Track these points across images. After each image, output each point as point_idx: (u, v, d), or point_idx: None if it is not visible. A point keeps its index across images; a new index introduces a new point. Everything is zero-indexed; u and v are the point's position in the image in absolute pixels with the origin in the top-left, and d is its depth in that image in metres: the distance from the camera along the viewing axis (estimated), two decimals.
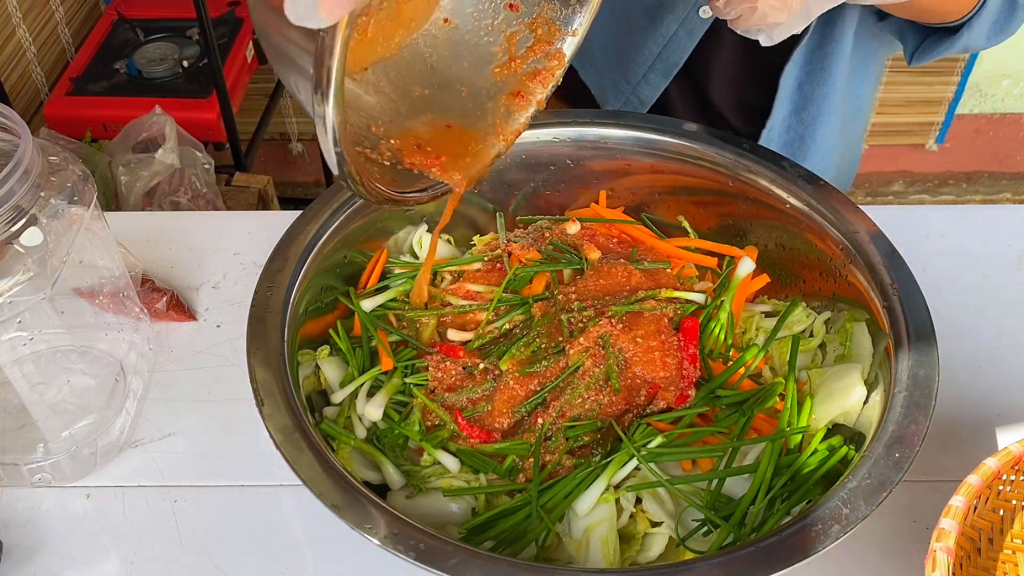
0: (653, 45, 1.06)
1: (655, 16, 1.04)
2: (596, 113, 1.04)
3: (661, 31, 1.05)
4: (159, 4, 2.21)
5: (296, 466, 0.68)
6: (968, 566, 0.72)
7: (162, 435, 0.89)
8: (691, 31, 1.03)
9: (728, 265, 0.93)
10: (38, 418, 0.83)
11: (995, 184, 2.77)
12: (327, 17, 0.47)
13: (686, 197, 0.97)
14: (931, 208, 1.15)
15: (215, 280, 1.04)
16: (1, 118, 0.76)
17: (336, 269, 0.89)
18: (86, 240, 0.81)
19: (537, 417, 0.80)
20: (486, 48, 0.77)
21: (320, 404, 0.84)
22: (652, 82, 1.09)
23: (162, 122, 1.87)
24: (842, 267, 0.85)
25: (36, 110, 2.09)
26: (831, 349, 0.87)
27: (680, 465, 0.79)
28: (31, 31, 2.04)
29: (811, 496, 0.74)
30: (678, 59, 1.06)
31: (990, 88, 2.54)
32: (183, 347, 0.97)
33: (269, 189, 2.08)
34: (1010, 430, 0.88)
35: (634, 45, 1.08)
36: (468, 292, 0.89)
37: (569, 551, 0.74)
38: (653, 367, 0.81)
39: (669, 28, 1.04)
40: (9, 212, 0.72)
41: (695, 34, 1.03)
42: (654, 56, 1.07)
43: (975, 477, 0.68)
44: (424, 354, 0.85)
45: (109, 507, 0.83)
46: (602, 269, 0.89)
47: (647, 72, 1.09)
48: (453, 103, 0.76)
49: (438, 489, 0.78)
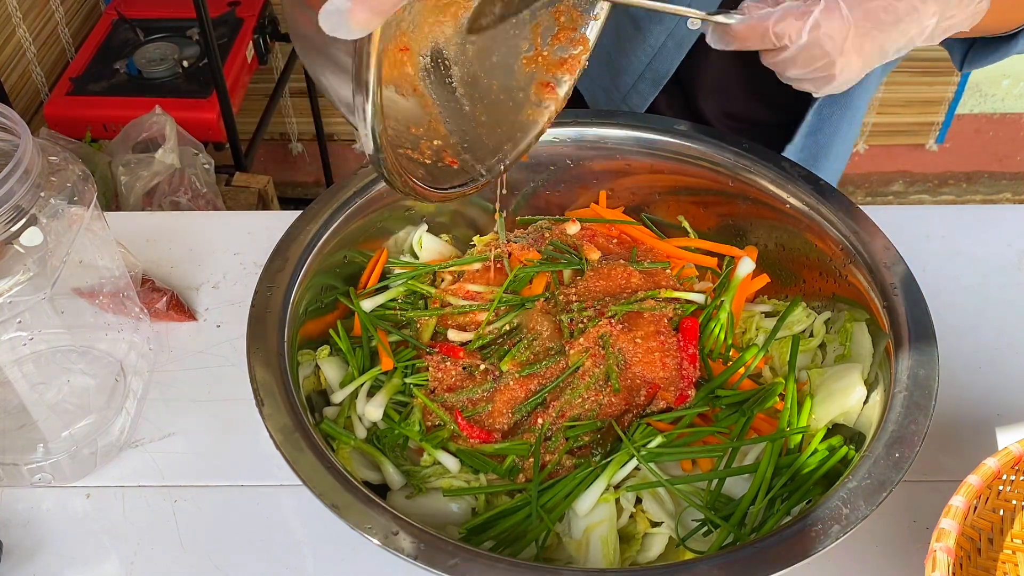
0: (642, 55, 1.05)
1: (644, 26, 1.04)
2: (596, 113, 1.04)
3: (650, 41, 1.04)
4: (159, 4, 2.20)
5: (296, 466, 0.68)
6: (968, 566, 0.72)
7: (162, 435, 0.89)
8: (680, 42, 1.03)
9: (728, 265, 0.93)
10: (38, 418, 0.83)
11: (995, 184, 2.77)
12: (359, 29, 0.49)
13: (686, 197, 0.97)
14: (931, 208, 1.15)
15: (215, 280, 1.04)
16: (1, 118, 0.76)
17: (336, 269, 0.89)
18: (86, 240, 0.81)
19: (537, 417, 0.80)
20: (514, 41, 0.79)
21: (320, 404, 0.84)
22: (642, 91, 1.09)
23: (162, 122, 1.87)
24: (842, 267, 0.85)
25: (36, 110, 2.09)
26: (831, 349, 0.87)
27: (680, 465, 0.79)
28: (31, 31, 2.04)
29: (811, 496, 0.74)
30: (667, 70, 1.06)
31: (990, 88, 2.54)
32: (183, 347, 0.97)
33: (269, 189, 2.08)
34: (1010, 430, 0.88)
35: (624, 54, 1.08)
36: (468, 292, 0.89)
37: (569, 551, 0.74)
38: (653, 367, 0.81)
39: (658, 39, 1.04)
40: (9, 212, 0.72)
41: (684, 45, 1.03)
42: (643, 66, 1.06)
43: (975, 477, 0.68)
44: (424, 354, 0.85)
45: (109, 507, 0.83)
46: (601, 270, 0.89)
47: (636, 81, 1.08)
48: (486, 97, 0.78)
49: (438, 489, 0.78)
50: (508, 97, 0.79)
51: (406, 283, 0.91)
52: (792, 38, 0.74)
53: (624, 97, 1.11)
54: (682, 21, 1.00)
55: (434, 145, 0.72)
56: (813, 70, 0.75)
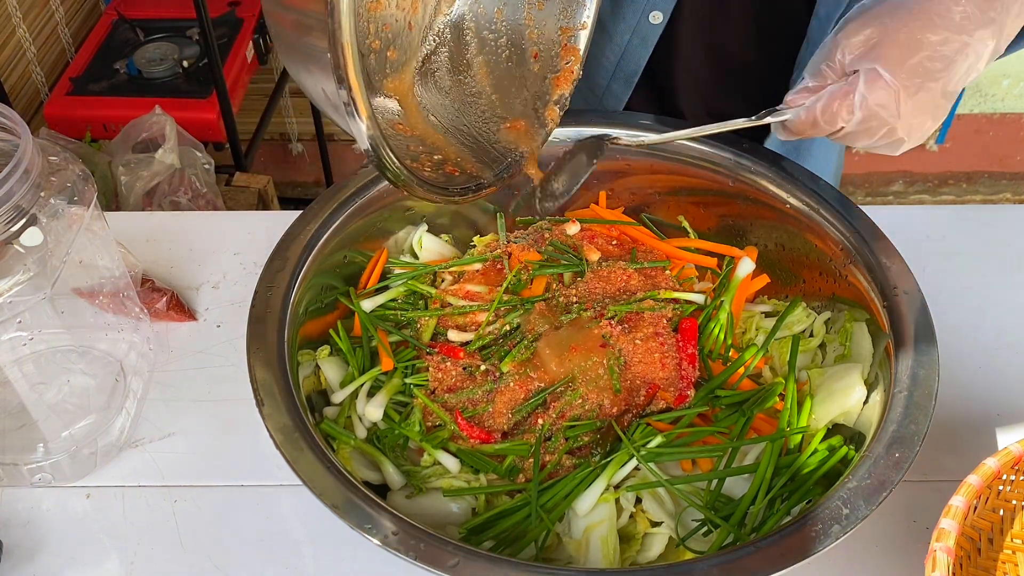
0: (611, 55, 1.05)
1: (608, 26, 1.03)
2: (596, 113, 1.04)
3: (616, 40, 1.03)
4: (159, 4, 2.20)
5: (296, 466, 0.68)
6: (968, 566, 0.72)
7: (162, 435, 0.89)
8: (644, 39, 1.02)
9: (728, 265, 0.93)
10: (38, 418, 0.83)
11: (995, 184, 2.77)
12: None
13: (686, 197, 0.97)
14: (931, 208, 1.15)
15: (215, 280, 1.04)
16: (1, 118, 0.76)
17: (336, 269, 0.89)
18: (86, 240, 0.81)
19: (537, 418, 0.80)
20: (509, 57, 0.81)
21: (320, 404, 0.84)
22: (615, 92, 1.08)
23: (162, 122, 1.87)
24: (842, 267, 0.85)
25: (36, 110, 2.09)
26: (831, 349, 0.87)
27: (680, 465, 0.79)
28: (31, 31, 2.04)
29: (811, 496, 0.74)
30: (635, 68, 1.05)
31: (990, 88, 2.54)
32: (183, 347, 0.97)
33: (269, 189, 2.08)
34: (1010, 430, 0.88)
35: (594, 56, 1.07)
36: (468, 293, 0.89)
37: (569, 551, 0.74)
38: (652, 367, 0.81)
39: (623, 37, 1.03)
40: (9, 212, 0.72)
41: (648, 41, 1.02)
42: (613, 66, 1.06)
43: (975, 477, 0.68)
44: (424, 354, 0.85)
45: (109, 507, 0.83)
46: (601, 271, 0.89)
47: (609, 83, 1.07)
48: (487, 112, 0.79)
49: (438, 489, 0.78)
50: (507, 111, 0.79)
51: (406, 283, 0.91)
52: (844, 118, 0.72)
53: (600, 100, 1.10)
54: (644, 18, 1.00)
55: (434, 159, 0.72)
56: (879, 139, 0.73)
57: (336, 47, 0.54)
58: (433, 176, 0.71)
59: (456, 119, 0.78)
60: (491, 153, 0.77)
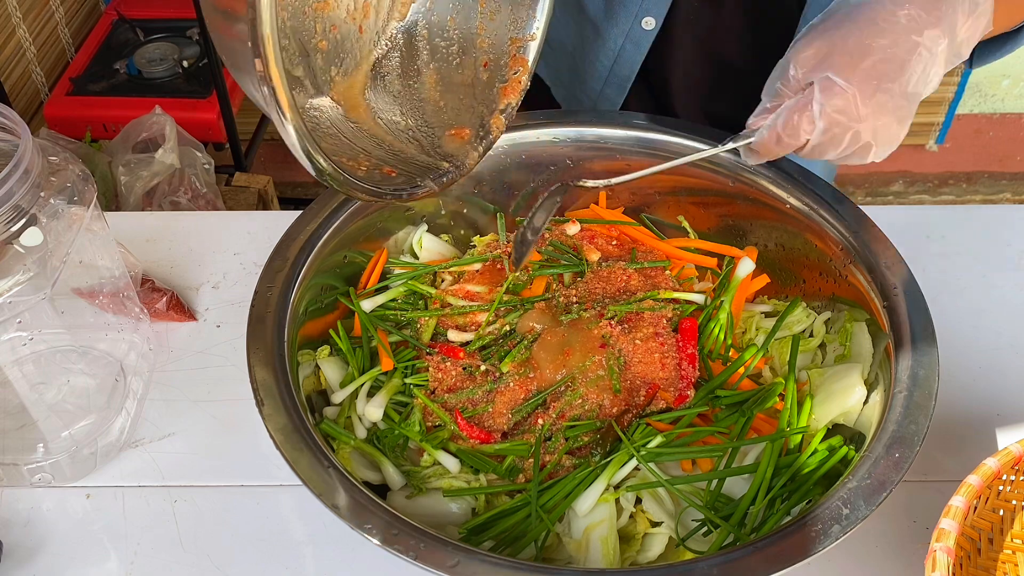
0: (604, 59, 1.05)
1: (601, 30, 1.04)
2: (596, 113, 1.04)
3: (609, 44, 1.04)
4: (159, 4, 2.21)
5: (296, 466, 0.68)
6: (968, 566, 0.72)
7: (162, 435, 0.89)
8: (637, 43, 1.02)
9: (728, 265, 0.93)
10: (38, 418, 0.83)
11: (995, 184, 2.77)
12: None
13: (686, 197, 0.97)
14: (931, 208, 1.15)
15: (215, 280, 1.04)
16: (1, 118, 0.76)
17: (336, 269, 0.89)
18: (86, 240, 0.81)
19: (537, 418, 0.80)
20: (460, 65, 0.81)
21: (320, 404, 0.84)
22: (609, 96, 1.09)
23: (162, 122, 1.87)
24: (842, 267, 0.85)
25: (36, 110, 2.09)
26: (831, 349, 0.87)
27: (680, 465, 0.79)
28: (31, 31, 2.04)
29: (811, 496, 0.74)
30: (629, 72, 1.05)
31: (990, 88, 2.54)
32: (183, 347, 0.97)
33: (269, 189, 2.08)
34: (1010, 430, 0.88)
35: (588, 60, 1.08)
36: (468, 293, 0.89)
37: (569, 551, 0.74)
38: (652, 368, 0.81)
39: (616, 42, 1.03)
40: (9, 212, 0.72)
41: (641, 46, 1.02)
42: (607, 70, 1.06)
43: (975, 477, 0.68)
44: (424, 355, 0.85)
45: (109, 507, 0.83)
46: (601, 271, 0.89)
47: (603, 87, 1.08)
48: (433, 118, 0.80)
49: (438, 489, 0.78)
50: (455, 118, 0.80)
51: (406, 283, 0.91)
52: (807, 130, 0.73)
53: (595, 103, 1.10)
54: (637, 23, 1.00)
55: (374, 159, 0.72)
56: (846, 146, 0.73)
57: (256, 35, 0.54)
58: (368, 175, 0.71)
59: (403, 122, 0.78)
60: (433, 158, 0.77)
